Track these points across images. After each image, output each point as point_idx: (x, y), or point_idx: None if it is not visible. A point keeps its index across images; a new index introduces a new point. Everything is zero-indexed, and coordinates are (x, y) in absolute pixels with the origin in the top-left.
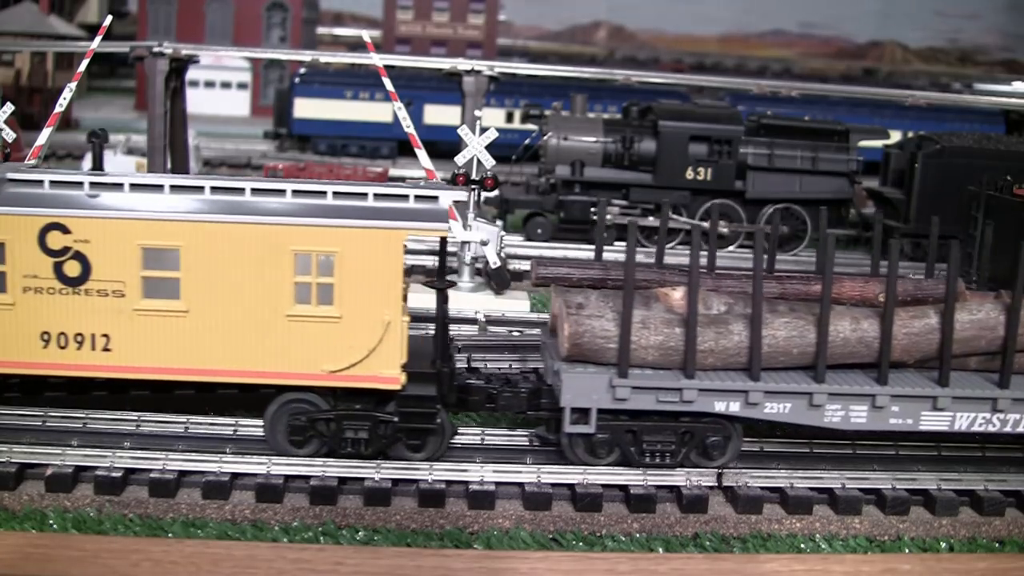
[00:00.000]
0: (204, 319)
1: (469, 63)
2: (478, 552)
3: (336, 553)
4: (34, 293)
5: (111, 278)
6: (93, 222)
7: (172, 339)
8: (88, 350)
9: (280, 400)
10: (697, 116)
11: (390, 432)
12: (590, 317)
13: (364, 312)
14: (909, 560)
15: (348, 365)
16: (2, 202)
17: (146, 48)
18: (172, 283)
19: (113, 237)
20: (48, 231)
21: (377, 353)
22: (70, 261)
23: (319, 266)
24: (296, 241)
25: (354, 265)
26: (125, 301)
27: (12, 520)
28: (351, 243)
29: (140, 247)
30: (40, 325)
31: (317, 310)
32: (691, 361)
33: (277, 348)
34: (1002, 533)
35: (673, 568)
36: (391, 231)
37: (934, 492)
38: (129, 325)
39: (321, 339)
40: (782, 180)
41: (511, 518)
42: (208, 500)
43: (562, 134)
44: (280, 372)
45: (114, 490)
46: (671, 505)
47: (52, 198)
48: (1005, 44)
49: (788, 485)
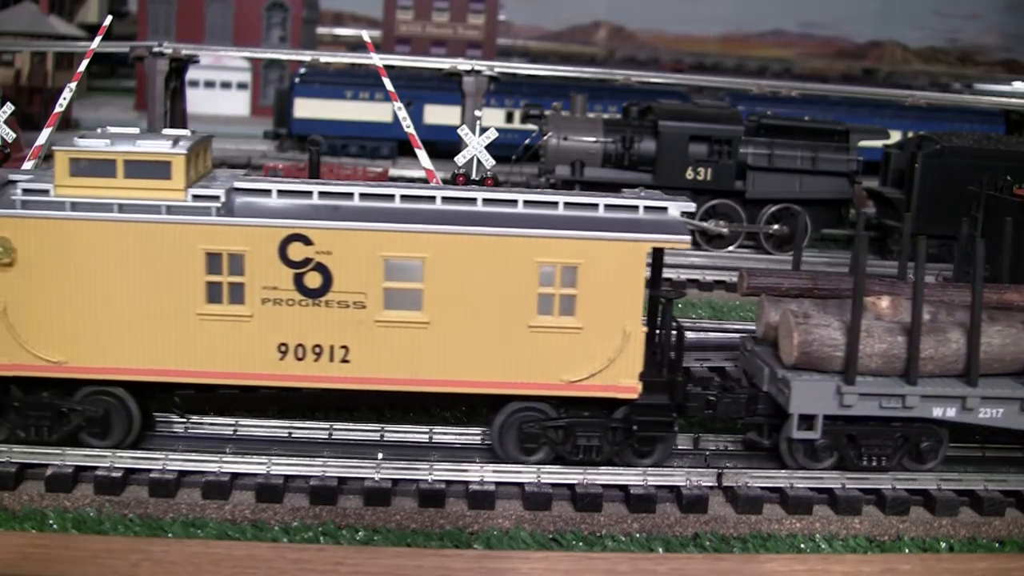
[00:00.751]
0: (445, 330)
1: (469, 63)
2: (478, 552)
3: (336, 553)
4: (273, 305)
5: (353, 289)
6: (337, 233)
7: (412, 350)
8: (326, 361)
9: (508, 409)
10: (697, 116)
11: (621, 439)
12: (817, 326)
13: (605, 323)
14: (909, 560)
15: (588, 375)
16: (238, 212)
17: (146, 48)
18: (414, 294)
19: (356, 248)
20: (290, 242)
21: (616, 363)
22: (311, 272)
23: (562, 277)
24: (541, 253)
25: (597, 277)
26: (366, 312)
27: (12, 520)
28: (595, 255)
29: (383, 258)
30: (278, 337)
31: (559, 321)
32: (914, 368)
33: (518, 358)
34: (1002, 533)
35: (673, 568)
36: (635, 243)
37: (934, 492)
38: (369, 336)
39: (562, 349)
40: (782, 180)
41: (511, 518)
42: (208, 500)
43: (562, 134)
44: (519, 382)
45: (114, 490)
46: (671, 505)
47: (293, 209)
48: (1005, 44)
49: (788, 485)
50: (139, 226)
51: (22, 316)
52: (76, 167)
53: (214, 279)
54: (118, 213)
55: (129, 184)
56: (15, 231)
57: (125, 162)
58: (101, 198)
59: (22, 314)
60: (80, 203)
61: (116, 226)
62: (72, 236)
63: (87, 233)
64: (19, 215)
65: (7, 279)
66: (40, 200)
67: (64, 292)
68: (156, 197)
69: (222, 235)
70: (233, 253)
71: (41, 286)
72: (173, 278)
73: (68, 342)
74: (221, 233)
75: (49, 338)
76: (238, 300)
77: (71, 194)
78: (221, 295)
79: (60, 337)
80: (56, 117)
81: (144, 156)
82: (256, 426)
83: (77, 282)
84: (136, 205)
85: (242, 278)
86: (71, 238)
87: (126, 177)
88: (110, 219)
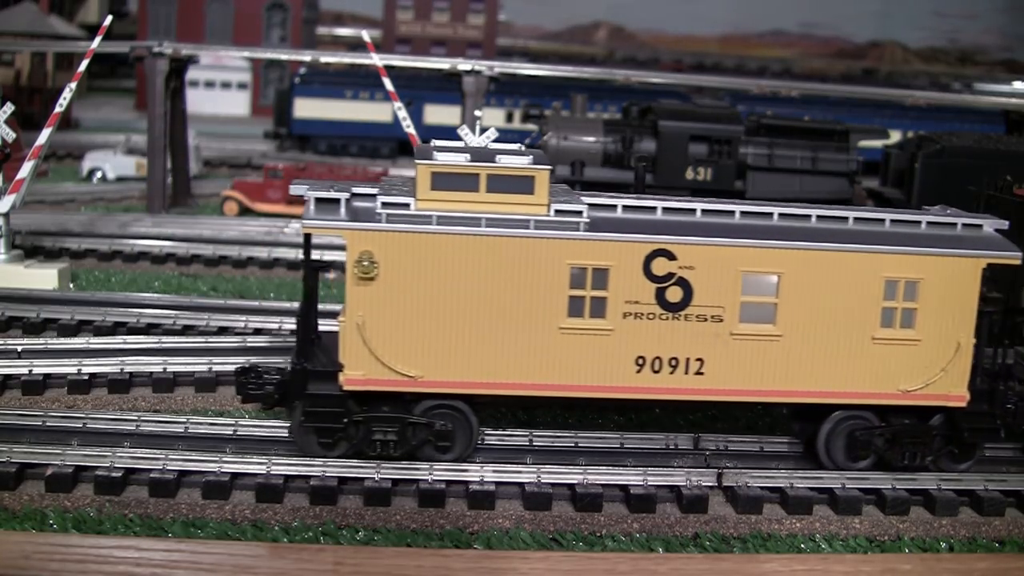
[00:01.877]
0: (795, 342)
1: (469, 63)
2: (478, 552)
3: (336, 553)
4: (634, 319)
5: (711, 303)
6: (700, 249)
7: (762, 362)
8: (681, 374)
9: (835, 418)
10: (697, 116)
11: (940, 446)
12: None
13: (940, 335)
14: (909, 560)
15: (922, 385)
16: (602, 228)
17: (146, 48)
18: (768, 308)
19: (717, 264)
20: (654, 257)
21: (948, 374)
22: (673, 287)
23: (904, 291)
24: (888, 268)
25: (936, 291)
26: (722, 326)
27: (12, 520)
28: (937, 270)
29: (741, 273)
30: (636, 350)
31: (900, 333)
32: None
33: (860, 369)
34: (1002, 533)
35: (673, 568)
36: (975, 260)
37: (934, 492)
38: (724, 349)
39: (900, 360)
40: (782, 180)
41: (511, 518)
42: (208, 500)
43: (562, 134)
44: (858, 391)
45: (114, 490)
46: (671, 505)
47: (659, 224)
48: (1005, 44)
49: (788, 485)
50: (507, 240)
51: (380, 330)
52: (438, 181)
53: (577, 293)
54: (485, 227)
55: (491, 199)
56: (378, 245)
57: (488, 176)
58: (466, 212)
59: (380, 328)
60: (446, 217)
61: (483, 240)
62: (436, 250)
63: (452, 247)
64: (384, 229)
65: (367, 294)
66: (403, 214)
67: (422, 306)
68: (519, 212)
69: (589, 250)
70: (598, 268)
71: (400, 300)
72: (536, 292)
73: (423, 356)
74: (588, 248)
75: (406, 352)
76: (599, 314)
77: (432, 208)
78: (583, 309)
79: (416, 351)
80: (56, 117)
81: (508, 171)
82: (256, 426)
83: (436, 296)
84: (504, 220)
85: (605, 292)
86: (435, 252)
87: (488, 192)
88: (477, 233)
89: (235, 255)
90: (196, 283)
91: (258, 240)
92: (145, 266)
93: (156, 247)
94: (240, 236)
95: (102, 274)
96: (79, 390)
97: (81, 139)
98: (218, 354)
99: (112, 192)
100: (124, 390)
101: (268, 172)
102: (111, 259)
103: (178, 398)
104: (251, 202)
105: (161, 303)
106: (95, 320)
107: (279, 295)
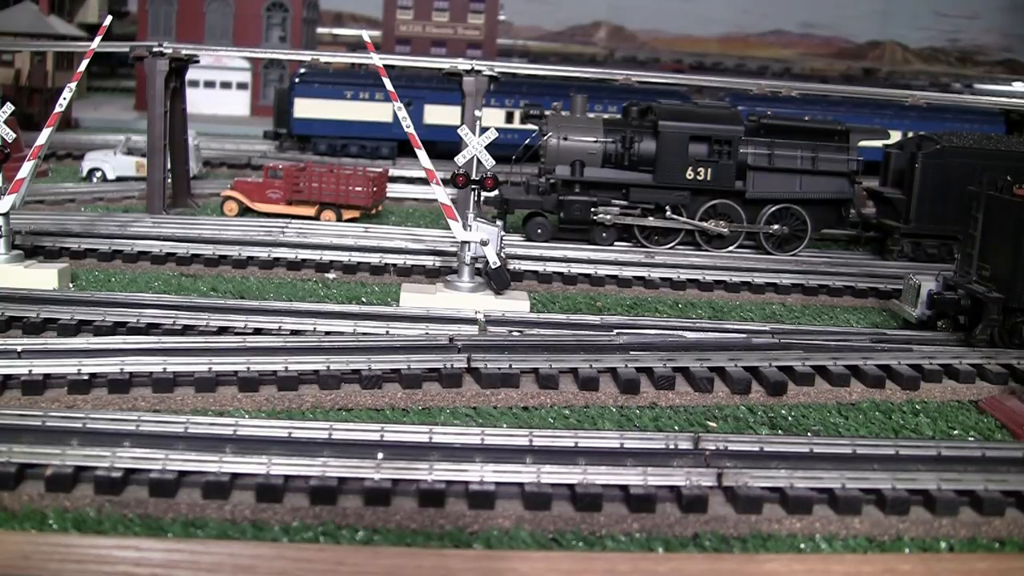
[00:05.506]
0: None
1: (469, 63)
2: (478, 552)
3: (336, 553)
4: None
5: None
6: None
7: None
8: None
9: None
10: (697, 116)
11: None
12: None
13: None
14: (909, 560)
15: None
16: None
17: (146, 48)
18: None
19: None
20: None
21: None
22: None
23: None
24: None
25: None
26: None
27: (12, 520)
28: None
29: None
30: None
31: None
32: None
33: None
34: (1002, 533)
35: (673, 568)
36: None
37: (934, 492)
38: None
39: None
40: (782, 180)
41: (511, 518)
42: (208, 500)
43: (562, 134)
44: None
45: (114, 490)
46: (671, 505)
47: None
48: (1005, 44)
49: (788, 485)
50: None
51: None
52: None
53: None
54: None
55: None
56: None
57: None
58: None
59: None
60: None
61: None
62: None
63: None
64: None
65: None
66: None
67: None
68: None
69: None
70: None
71: None
72: None
73: None
74: None
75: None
76: None
77: None
78: None
79: None
80: (56, 117)
81: None
82: (256, 426)
83: None
84: None
85: None
86: None
87: None
88: None
89: (235, 255)
90: (196, 283)
91: (258, 240)
92: (145, 266)
93: (156, 247)
94: (240, 236)
95: (102, 274)
96: (79, 390)
97: (81, 139)
98: (218, 354)
99: (112, 192)
100: (124, 390)
101: (268, 172)
102: (111, 259)
103: (178, 398)
104: (251, 202)
105: (161, 303)
106: (95, 320)
107: (279, 295)
